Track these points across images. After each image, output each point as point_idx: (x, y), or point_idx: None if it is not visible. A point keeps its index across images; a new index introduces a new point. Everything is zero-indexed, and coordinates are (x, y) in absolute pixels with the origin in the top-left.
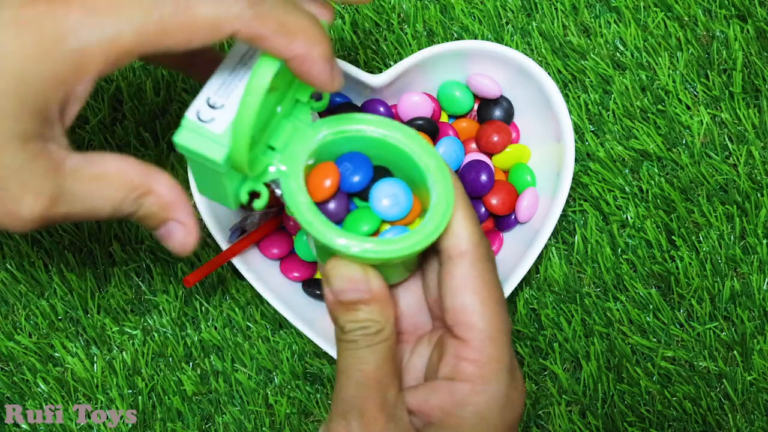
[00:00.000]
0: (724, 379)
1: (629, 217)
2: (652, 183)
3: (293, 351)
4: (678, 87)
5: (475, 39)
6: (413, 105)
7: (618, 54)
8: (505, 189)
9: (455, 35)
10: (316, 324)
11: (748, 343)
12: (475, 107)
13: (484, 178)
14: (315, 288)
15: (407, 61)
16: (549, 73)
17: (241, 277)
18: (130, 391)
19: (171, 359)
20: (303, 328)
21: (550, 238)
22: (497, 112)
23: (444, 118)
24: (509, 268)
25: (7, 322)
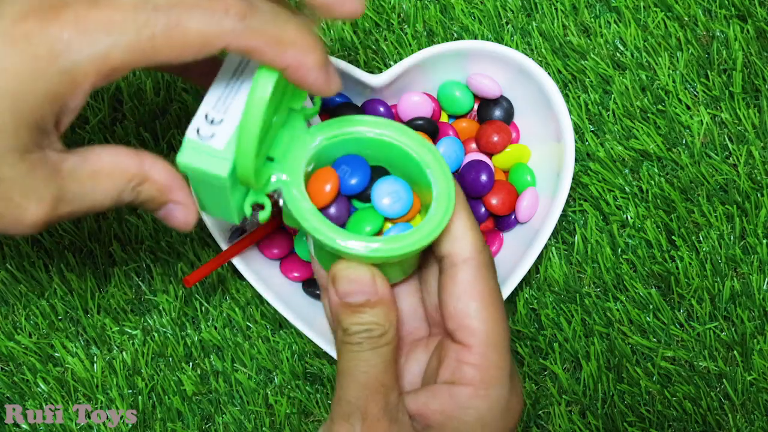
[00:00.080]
0: (724, 379)
1: (629, 217)
2: (652, 183)
3: (293, 351)
4: (678, 87)
5: (475, 39)
6: (413, 105)
7: (618, 54)
8: (505, 189)
9: (455, 35)
10: (316, 324)
11: (748, 343)
12: (475, 107)
13: (484, 178)
14: (315, 288)
15: (407, 61)
16: (549, 73)
17: (241, 277)
18: (130, 391)
19: (171, 359)
20: (303, 328)
21: (550, 238)
22: (497, 112)
23: (444, 118)
24: (509, 268)
25: (7, 322)
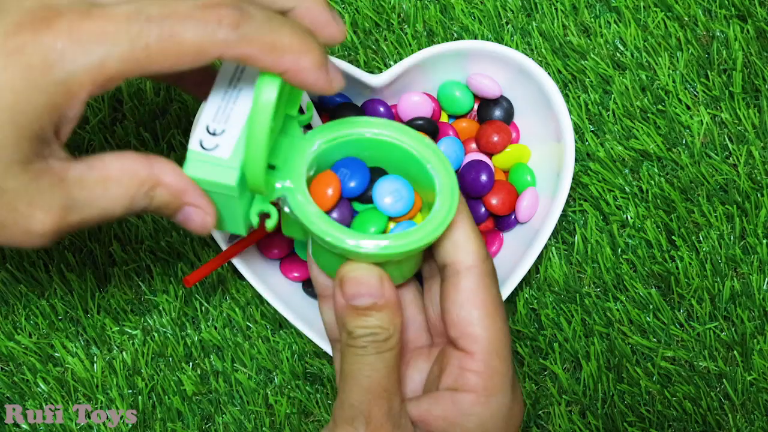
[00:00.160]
0: (724, 379)
1: (629, 217)
2: (652, 183)
3: (293, 351)
4: (678, 87)
5: (475, 39)
6: (413, 105)
7: (618, 54)
8: (505, 189)
9: (455, 35)
10: (316, 324)
11: (748, 343)
12: (475, 107)
13: (484, 178)
14: None
15: (407, 61)
16: (549, 73)
17: (241, 277)
18: (130, 391)
19: (171, 359)
20: (303, 328)
21: (550, 238)
22: (497, 112)
23: (444, 118)
24: (509, 268)
25: (7, 322)
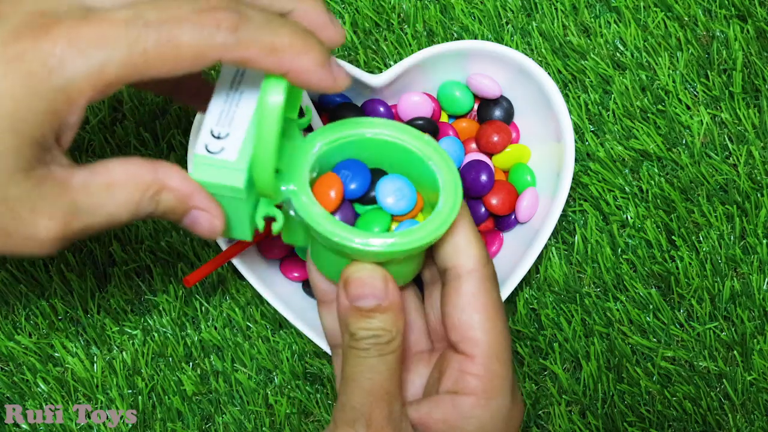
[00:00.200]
0: (724, 379)
1: (629, 217)
2: (652, 183)
3: (293, 351)
4: (678, 87)
5: (475, 39)
6: (413, 105)
7: (618, 54)
8: (505, 189)
9: (455, 35)
10: (316, 324)
11: (748, 343)
12: (475, 107)
13: (484, 178)
14: None
15: (407, 61)
16: (549, 73)
17: (241, 277)
18: (130, 391)
19: (171, 359)
20: (303, 328)
21: (550, 238)
22: (497, 112)
23: (444, 118)
24: (509, 268)
25: (7, 322)
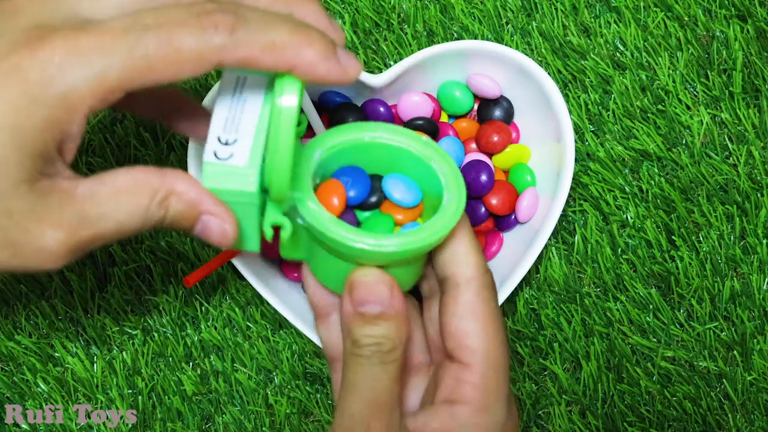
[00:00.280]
0: (724, 379)
1: (629, 217)
2: (652, 183)
3: (293, 351)
4: (678, 87)
5: (475, 39)
6: (413, 105)
7: (618, 54)
8: (505, 189)
9: (455, 35)
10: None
11: (748, 343)
12: (475, 107)
13: (484, 178)
14: None
15: (407, 61)
16: (549, 73)
17: (241, 277)
18: (130, 391)
19: (171, 359)
20: (303, 328)
21: (550, 238)
22: (497, 112)
23: (444, 118)
24: (509, 268)
25: (7, 322)
